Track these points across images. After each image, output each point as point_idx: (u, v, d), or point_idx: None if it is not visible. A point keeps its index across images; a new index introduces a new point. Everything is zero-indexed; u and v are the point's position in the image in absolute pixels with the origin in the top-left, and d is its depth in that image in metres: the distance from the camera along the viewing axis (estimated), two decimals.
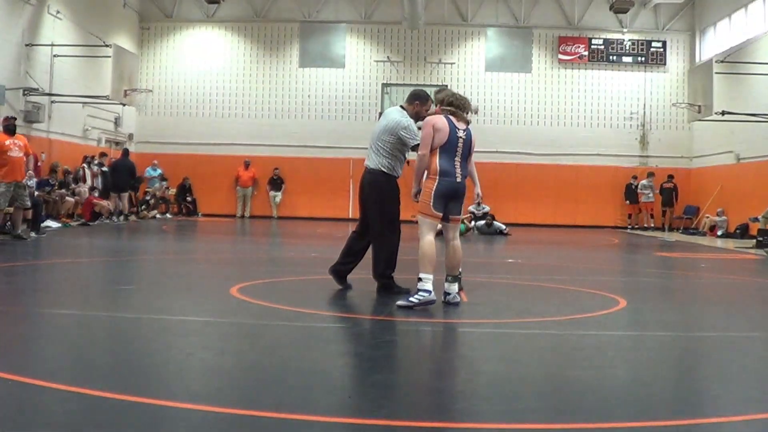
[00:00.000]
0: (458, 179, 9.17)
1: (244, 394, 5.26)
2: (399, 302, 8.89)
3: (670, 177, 33.01)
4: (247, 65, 34.83)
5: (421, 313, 8.60)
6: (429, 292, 8.78)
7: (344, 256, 10.48)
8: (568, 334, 7.88)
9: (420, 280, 8.83)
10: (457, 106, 9.40)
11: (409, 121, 10.12)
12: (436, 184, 9.01)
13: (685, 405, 5.36)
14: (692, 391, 5.81)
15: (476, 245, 12.90)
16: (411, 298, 8.80)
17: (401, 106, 10.41)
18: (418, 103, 10.32)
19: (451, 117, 9.26)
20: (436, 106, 9.66)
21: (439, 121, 9.17)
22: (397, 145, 10.11)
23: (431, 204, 9.00)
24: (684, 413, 5.09)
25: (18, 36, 24.56)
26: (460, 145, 9.22)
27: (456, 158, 9.16)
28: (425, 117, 9.60)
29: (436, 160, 9.06)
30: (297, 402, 5.04)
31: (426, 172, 9.18)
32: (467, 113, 9.56)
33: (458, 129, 9.26)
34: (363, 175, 10.41)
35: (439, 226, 9.25)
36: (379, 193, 10.18)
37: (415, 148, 9.84)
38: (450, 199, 9.13)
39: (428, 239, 8.97)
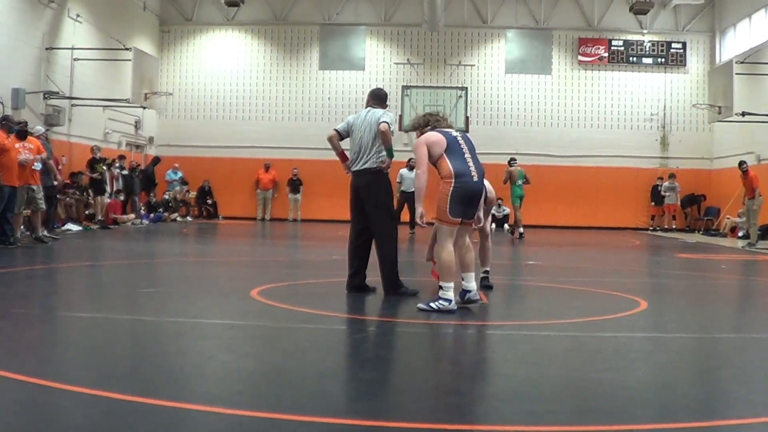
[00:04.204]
0: (475, 178, 8.99)
1: (265, 397, 5.27)
2: (420, 305, 8.86)
3: (704, 197, 33.59)
4: (267, 68, 34.90)
5: (442, 315, 8.58)
6: (450, 301, 8.73)
7: (352, 266, 10.48)
8: (588, 336, 7.87)
9: (441, 288, 8.81)
10: (434, 121, 9.53)
11: (385, 111, 10.44)
12: (452, 187, 8.82)
13: (706, 407, 5.34)
14: (713, 393, 5.79)
15: (497, 247, 12.93)
16: (432, 304, 8.75)
17: (373, 107, 10.66)
18: (388, 102, 10.77)
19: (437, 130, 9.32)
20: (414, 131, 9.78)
21: (430, 136, 9.16)
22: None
23: (447, 210, 8.83)
24: (705, 415, 5.08)
25: (38, 39, 24.67)
26: (461, 142, 9.20)
27: (465, 155, 9.08)
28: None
29: (448, 164, 8.93)
30: (317, 405, 5.05)
31: (441, 179, 9.04)
32: (447, 122, 9.66)
33: (451, 131, 9.30)
34: (356, 178, 10.47)
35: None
36: (381, 190, 10.36)
37: (384, 124, 10.11)
38: (468, 203, 8.97)
39: (448, 249, 8.88)
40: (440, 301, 8.73)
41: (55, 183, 19.65)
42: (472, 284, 9.14)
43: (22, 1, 23.62)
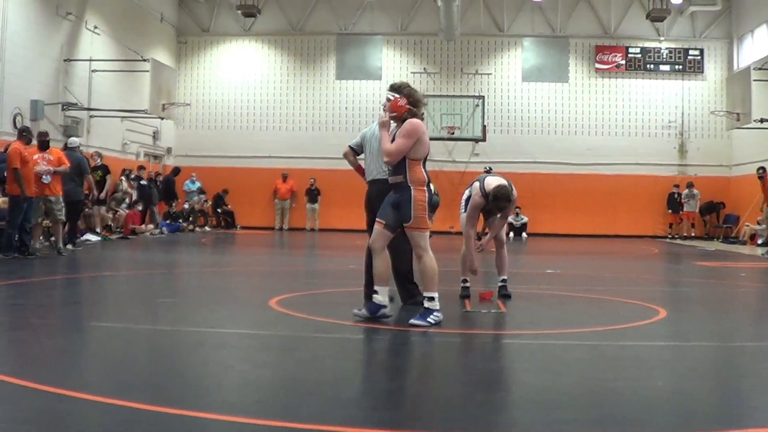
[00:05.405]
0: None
1: (283, 406, 5.27)
2: (414, 321, 8.48)
3: (723, 204, 33.38)
4: (284, 78, 34.97)
5: (458, 324, 8.59)
6: (440, 311, 8.59)
7: (368, 274, 10.45)
8: (607, 344, 7.84)
9: (432, 299, 8.52)
10: (422, 115, 8.95)
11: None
12: (427, 195, 8.66)
13: (725, 416, 5.31)
14: (732, 402, 5.76)
15: (514, 255, 12.96)
16: (429, 319, 8.44)
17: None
18: None
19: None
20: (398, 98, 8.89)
21: (425, 135, 8.71)
22: None
23: (427, 216, 8.65)
24: (724, 424, 5.05)
25: (56, 51, 24.80)
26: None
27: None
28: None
29: (423, 172, 8.69)
30: (335, 414, 5.06)
31: (411, 184, 8.62)
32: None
33: None
34: (369, 188, 10.40)
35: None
36: None
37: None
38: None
39: (432, 256, 8.63)
40: (435, 314, 8.48)
41: (89, 196, 19.81)
42: (387, 299, 8.84)
43: (40, 14, 23.76)
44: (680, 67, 33.95)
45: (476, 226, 11.22)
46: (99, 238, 22.69)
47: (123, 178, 27.19)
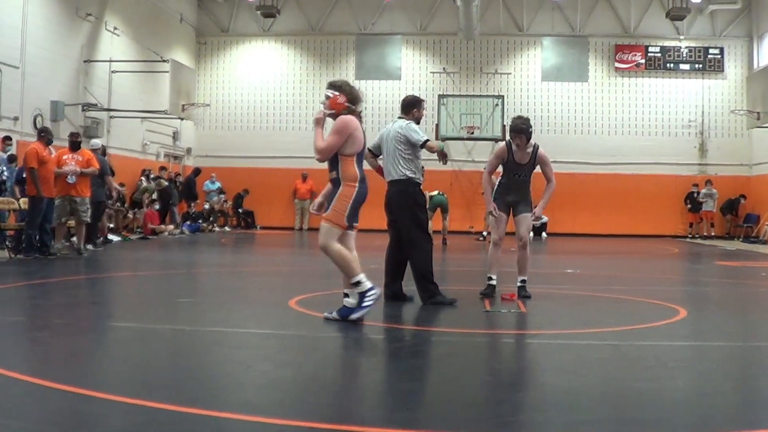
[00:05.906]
0: (366, 183, 8.78)
1: (304, 406, 5.27)
2: (353, 316, 8.43)
3: (744, 197, 33.08)
4: (303, 78, 35.00)
5: (478, 324, 8.56)
6: (372, 288, 8.50)
7: (388, 274, 10.50)
8: (627, 344, 7.81)
9: (359, 284, 8.45)
10: (358, 114, 8.99)
11: (410, 123, 10.41)
12: (356, 192, 8.57)
13: (747, 416, 5.28)
14: (754, 402, 5.72)
15: (534, 255, 12.92)
16: (364, 304, 8.41)
17: (399, 117, 10.68)
18: (416, 111, 10.64)
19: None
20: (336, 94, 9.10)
21: (358, 131, 8.80)
22: (414, 152, 10.33)
23: (346, 215, 8.51)
24: (746, 424, 5.02)
25: (77, 52, 24.91)
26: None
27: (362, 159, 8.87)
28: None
29: (356, 168, 8.66)
30: (356, 414, 5.06)
31: (341, 180, 8.65)
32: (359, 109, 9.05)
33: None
34: (388, 188, 10.46)
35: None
36: (409, 200, 10.35)
37: (423, 144, 10.13)
38: (359, 209, 8.71)
39: (338, 245, 8.48)
40: (368, 296, 8.43)
41: (110, 198, 19.95)
42: (354, 301, 8.63)
43: (60, 15, 23.87)
44: (700, 66, 33.84)
45: (494, 172, 11.29)
46: (119, 239, 22.78)
47: (143, 178, 27.30)
